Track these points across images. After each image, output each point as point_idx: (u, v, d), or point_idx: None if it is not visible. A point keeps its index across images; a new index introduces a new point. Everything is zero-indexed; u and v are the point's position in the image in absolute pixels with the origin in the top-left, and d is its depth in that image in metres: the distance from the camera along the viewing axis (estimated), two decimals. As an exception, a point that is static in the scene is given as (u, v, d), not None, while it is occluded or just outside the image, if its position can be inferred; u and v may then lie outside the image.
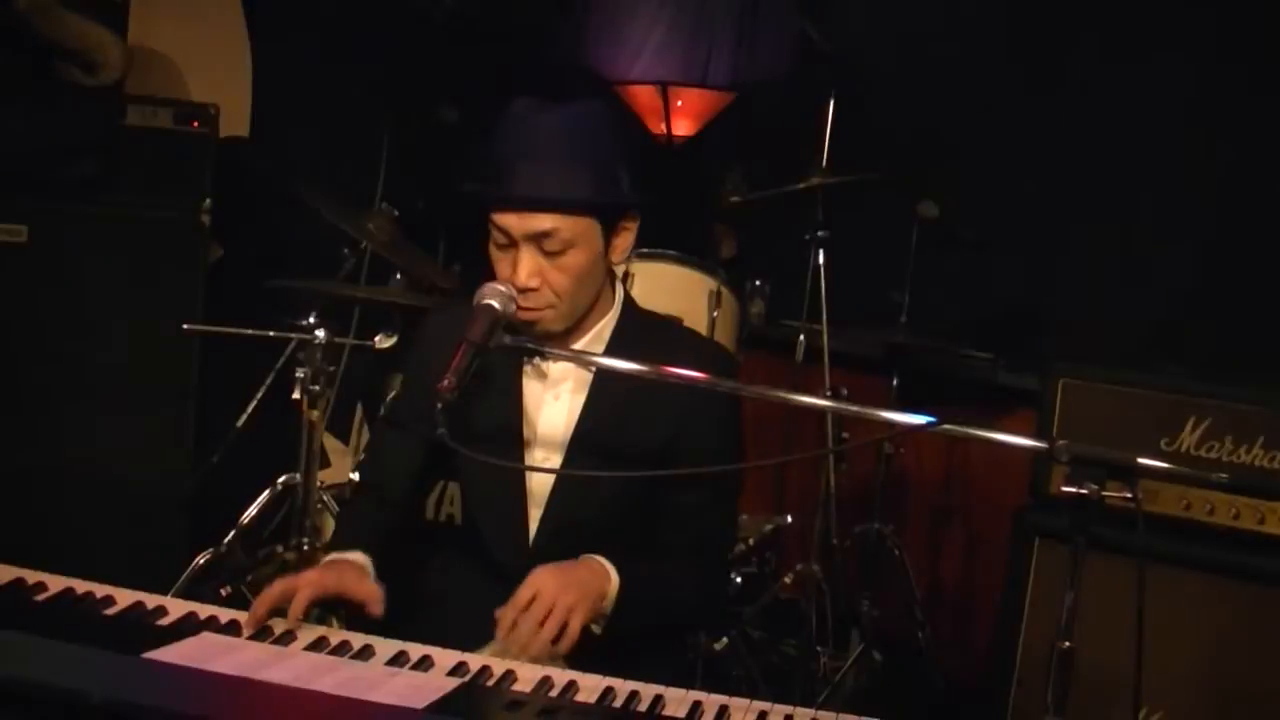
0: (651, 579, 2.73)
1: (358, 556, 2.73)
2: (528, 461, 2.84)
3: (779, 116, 6.03)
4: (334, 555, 2.74)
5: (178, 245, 4.84)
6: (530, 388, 2.85)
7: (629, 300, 2.95)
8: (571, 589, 2.51)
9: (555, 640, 2.47)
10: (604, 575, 2.62)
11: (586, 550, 2.72)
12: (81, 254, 4.69)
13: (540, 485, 2.83)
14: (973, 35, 5.55)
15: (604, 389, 2.81)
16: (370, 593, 2.58)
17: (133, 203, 4.79)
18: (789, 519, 5.09)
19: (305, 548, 4.39)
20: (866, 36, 5.71)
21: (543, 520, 2.83)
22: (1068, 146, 5.32)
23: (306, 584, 2.50)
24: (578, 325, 2.81)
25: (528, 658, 2.44)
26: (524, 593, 2.48)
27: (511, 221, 2.65)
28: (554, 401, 2.84)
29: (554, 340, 2.74)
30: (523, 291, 2.65)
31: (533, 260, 2.66)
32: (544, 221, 2.64)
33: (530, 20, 6.54)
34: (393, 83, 5.85)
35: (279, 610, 2.46)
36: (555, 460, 2.82)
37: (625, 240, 2.80)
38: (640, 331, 2.88)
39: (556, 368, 2.84)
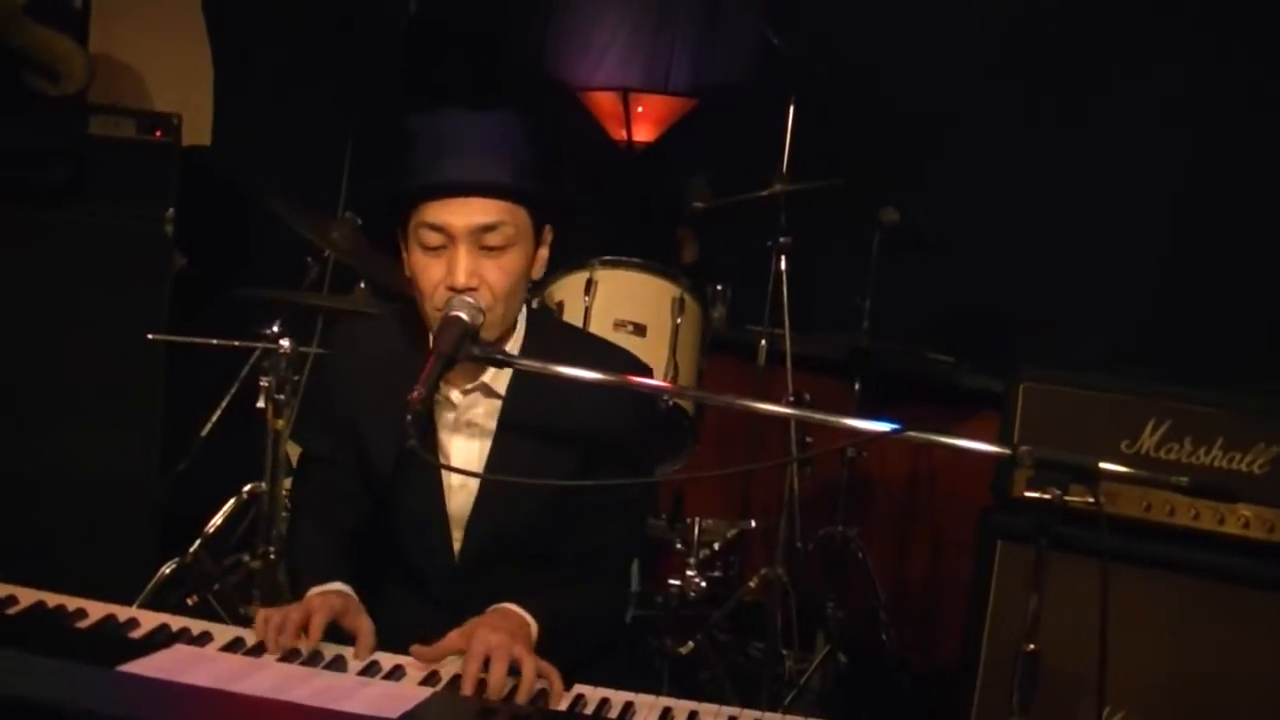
0: (566, 617, 2.69)
1: (342, 587, 2.69)
2: (444, 489, 2.80)
3: (742, 122, 6.06)
4: (318, 589, 2.66)
5: (141, 254, 4.82)
6: (442, 419, 2.81)
7: (532, 313, 2.90)
8: (517, 640, 2.46)
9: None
10: (526, 625, 2.58)
11: (509, 566, 2.76)
12: (44, 263, 4.67)
13: (459, 507, 2.81)
14: (936, 40, 5.59)
15: (513, 417, 2.78)
16: (365, 629, 2.54)
17: (96, 212, 4.77)
18: (753, 523, 5.12)
19: (271, 556, 4.40)
20: (828, 42, 5.74)
21: (465, 540, 2.81)
22: (1032, 151, 5.35)
23: (318, 610, 2.49)
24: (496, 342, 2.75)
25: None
26: (476, 648, 2.41)
27: (452, 215, 2.57)
28: (465, 428, 2.80)
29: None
30: (461, 293, 2.59)
31: (471, 258, 2.59)
32: (489, 212, 2.58)
33: (493, 26, 6.54)
34: (356, 90, 5.85)
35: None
36: (471, 485, 2.79)
37: (543, 255, 2.77)
38: (550, 348, 2.74)
39: (466, 399, 2.79)
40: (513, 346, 2.80)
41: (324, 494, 2.95)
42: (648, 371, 2.97)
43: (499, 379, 2.78)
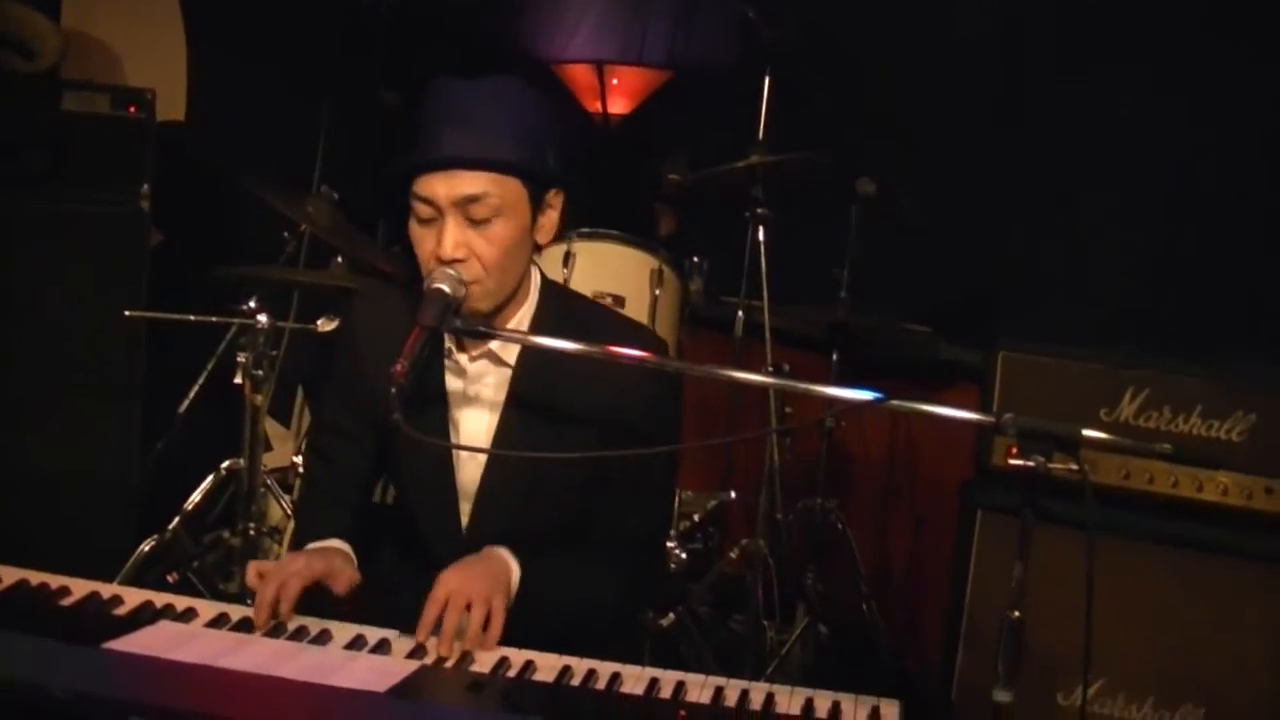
0: (558, 571, 2.73)
1: (338, 543, 2.76)
2: (454, 459, 2.82)
3: (720, 96, 6.04)
4: (315, 545, 2.74)
5: (118, 232, 4.79)
6: (453, 389, 2.81)
7: (548, 285, 2.89)
8: (481, 580, 2.52)
9: (485, 629, 2.47)
10: (506, 565, 2.64)
11: (518, 540, 2.73)
12: (19, 241, 4.64)
13: (469, 479, 2.82)
14: (915, 15, 5.57)
15: (522, 390, 2.77)
16: (351, 580, 2.59)
17: (71, 189, 4.73)
18: (733, 495, 5.13)
19: (251, 532, 4.40)
20: (806, 16, 5.72)
21: (473, 514, 2.82)
22: (1012, 125, 5.34)
23: (295, 575, 2.51)
24: (498, 313, 2.75)
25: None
26: (438, 593, 2.48)
27: (438, 188, 2.59)
28: (475, 400, 2.80)
29: (481, 323, 2.68)
30: (449, 264, 2.60)
31: (459, 230, 2.60)
32: (473, 184, 2.59)
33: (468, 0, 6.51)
34: (331, 66, 5.81)
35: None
36: (480, 458, 2.80)
37: (551, 219, 2.77)
38: (563, 321, 2.77)
39: (475, 366, 2.79)
40: (522, 318, 2.80)
41: (328, 463, 2.97)
42: (665, 349, 2.95)
43: (507, 348, 2.78)
